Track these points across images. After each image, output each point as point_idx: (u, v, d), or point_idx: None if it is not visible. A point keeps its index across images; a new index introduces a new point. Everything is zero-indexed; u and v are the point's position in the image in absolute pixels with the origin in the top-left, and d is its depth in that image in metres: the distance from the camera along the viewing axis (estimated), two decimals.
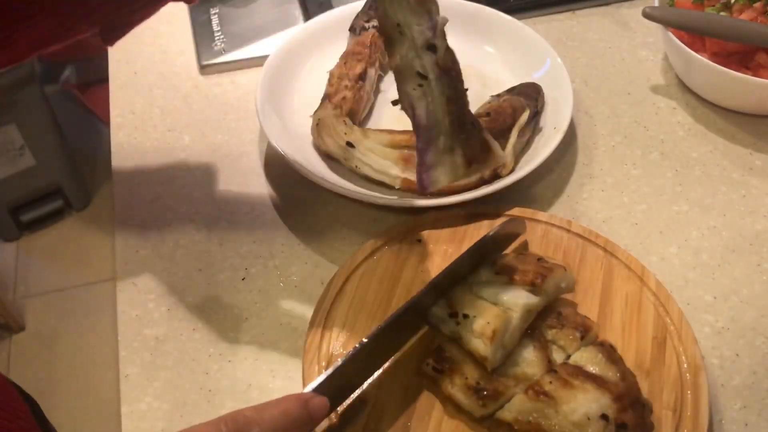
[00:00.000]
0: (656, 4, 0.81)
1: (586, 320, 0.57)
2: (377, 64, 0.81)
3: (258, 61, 0.84)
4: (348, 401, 0.55)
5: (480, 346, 0.53)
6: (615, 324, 0.59)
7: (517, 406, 0.51)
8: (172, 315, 0.64)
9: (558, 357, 0.55)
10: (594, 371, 0.51)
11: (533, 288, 0.56)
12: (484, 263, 0.59)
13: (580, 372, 0.51)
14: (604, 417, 0.49)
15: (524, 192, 0.72)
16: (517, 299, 0.55)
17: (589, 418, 0.49)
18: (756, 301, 0.64)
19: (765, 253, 0.67)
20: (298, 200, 0.71)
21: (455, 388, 0.53)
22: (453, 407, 0.54)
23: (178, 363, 0.61)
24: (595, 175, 0.74)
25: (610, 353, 0.53)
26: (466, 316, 0.54)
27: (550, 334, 0.56)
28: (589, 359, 0.52)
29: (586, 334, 0.56)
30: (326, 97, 0.76)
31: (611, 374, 0.51)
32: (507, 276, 0.57)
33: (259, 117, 0.73)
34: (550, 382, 0.50)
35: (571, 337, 0.55)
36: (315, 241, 0.69)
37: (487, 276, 0.58)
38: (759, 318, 0.63)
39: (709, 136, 0.78)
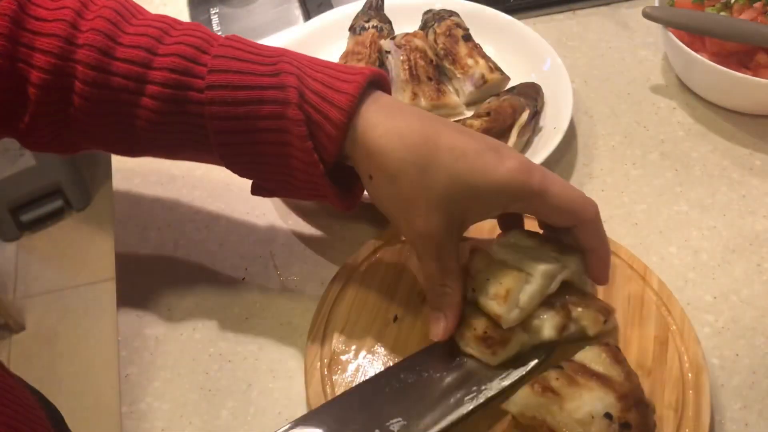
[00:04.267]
0: (656, 4, 0.81)
1: (608, 305, 0.57)
2: (377, 64, 0.81)
3: None
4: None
5: (494, 306, 0.53)
6: (617, 323, 0.59)
7: (522, 400, 0.51)
8: (172, 315, 0.64)
9: (575, 330, 0.55)
10: (598, 370, 0.52)
11: (561, 253, 0.56)
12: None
13: (585, 370, 0.51)
14: (607, 416, 0.49)
15: None
16: (539, 264, 0.54)
17: (593, 417, 0.49)
18: (756, 301, 0.64)
19: (765, 253, 0.67)
20: (298, 200, 0.71)
21: (467, 342, 0.54)
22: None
23: (178, 363, 0.61)
24: (595, 175, 0.74)
25: (614, 353, 0.53)
26: (487, 280, 0.54)
27: (576, 312, 0.55)
28: (593, 359, 0.52)
29: (608, 317, 0.56)
30: None
31: (615, 374, 0.51)
32: (537, 239, 0.57)
33: None
34: (557, 378, 0.50)
35: (594, 318, 0.55)
36: (315, 241, 0.69)
37: (516, 238, 0.57)
38: (759, 318, 0.63)
39: (709, 136, 0.78)
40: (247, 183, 0.74)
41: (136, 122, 0.54)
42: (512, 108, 0.72)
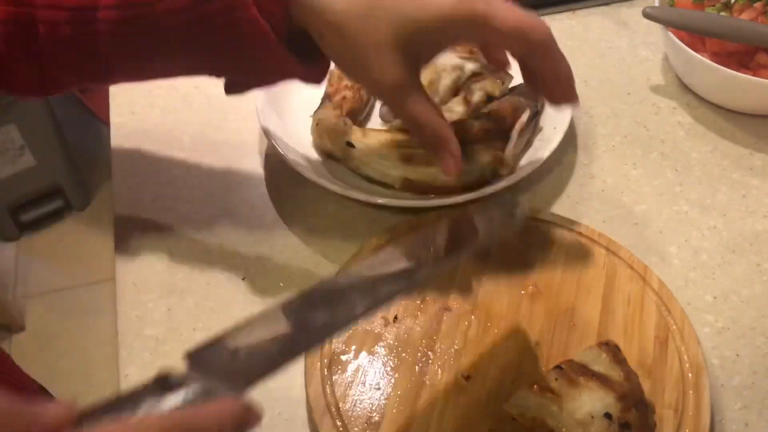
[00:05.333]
0: (656, 4, 0.81)
1: (506, 72, 0.72)
2: None
3: None
4: (357, 409, 0.55)
5: None
6: (617, 323, 0.59)
7: (522, 401, 0.51)
8: (172, 315, 0.64)
9: (479, 98, 0.71)
10: (598, 371, 0.52)
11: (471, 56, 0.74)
12: None
13: (585, 370, 0.51)
14: (607, 416, 0.49)
15: (524, 192, 0.72)
16: (450, 61, 0.71)
17: (592, 417, 0.49)
18: (756, 301, 0.64)
19: (765, 253, 0.67)
20: (298, 200, 0.72)
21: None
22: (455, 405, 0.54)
23: (178, 363, 0.61)
24: (595, 175, 0.74)
25: (614, 353, 0.53)
26: None
27: (477, 85, 0.71)
28: (593, 359, 0.52)
29: (505, 79, 0.72)
30: (326, 97, 0.76)
31: (615, 374, 0.51)
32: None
33: (259, 117, 0.73)
34: (556, 379, 0.50)
35: (493, 83, 0.71)
36: (315, 241, 0.69)
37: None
38: (759, 318, 0.63)
39: (709, 136, 0.78)
40: (248, 184, 0.74)
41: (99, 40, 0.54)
42: (512, 108, 0.72)
